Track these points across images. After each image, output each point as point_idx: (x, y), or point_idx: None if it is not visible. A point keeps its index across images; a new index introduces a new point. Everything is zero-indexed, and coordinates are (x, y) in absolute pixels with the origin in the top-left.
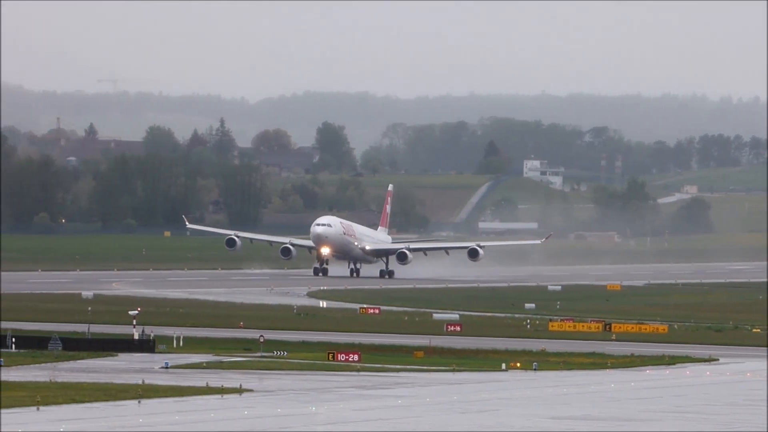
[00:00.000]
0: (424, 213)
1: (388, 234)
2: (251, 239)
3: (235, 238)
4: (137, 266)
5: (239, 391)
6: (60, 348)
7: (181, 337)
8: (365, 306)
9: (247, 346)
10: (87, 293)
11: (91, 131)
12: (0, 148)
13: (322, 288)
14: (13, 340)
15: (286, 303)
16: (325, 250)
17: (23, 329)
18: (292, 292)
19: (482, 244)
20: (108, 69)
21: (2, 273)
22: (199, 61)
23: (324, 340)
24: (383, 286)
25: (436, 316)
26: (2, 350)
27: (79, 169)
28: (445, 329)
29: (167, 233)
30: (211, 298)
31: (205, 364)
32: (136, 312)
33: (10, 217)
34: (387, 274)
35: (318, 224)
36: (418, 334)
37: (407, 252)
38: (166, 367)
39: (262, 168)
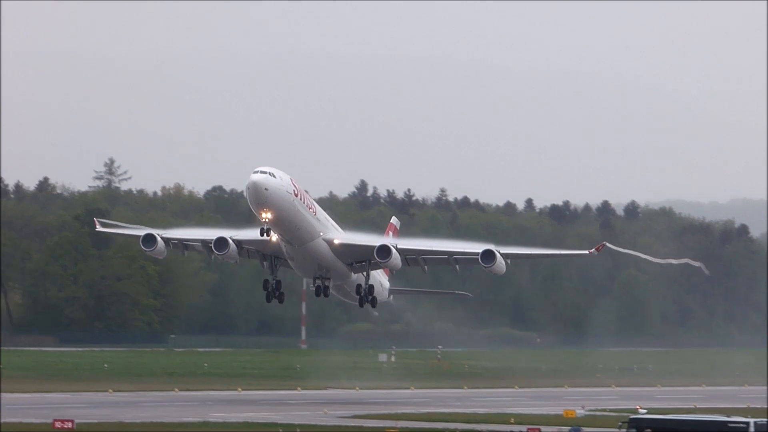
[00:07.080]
0: None
1: None
2: (184, 241)
3: (156, 236)
4: None
5: None
6: None
7: None
8: None
9: None
10: None
11: None
12: None
13: None
14: None
15: None
16: (267, 216)
17: None
18: None
19: (501, 249)
20: None
21: None
22: None
23: None
24: None
25: None
26: None
27: None
28: None
29: None
30: None
31: None
32: None
33: None
34: (367, 295)
35: (256, 171)
36: None
37: (391, 247)
38: None
39: None
